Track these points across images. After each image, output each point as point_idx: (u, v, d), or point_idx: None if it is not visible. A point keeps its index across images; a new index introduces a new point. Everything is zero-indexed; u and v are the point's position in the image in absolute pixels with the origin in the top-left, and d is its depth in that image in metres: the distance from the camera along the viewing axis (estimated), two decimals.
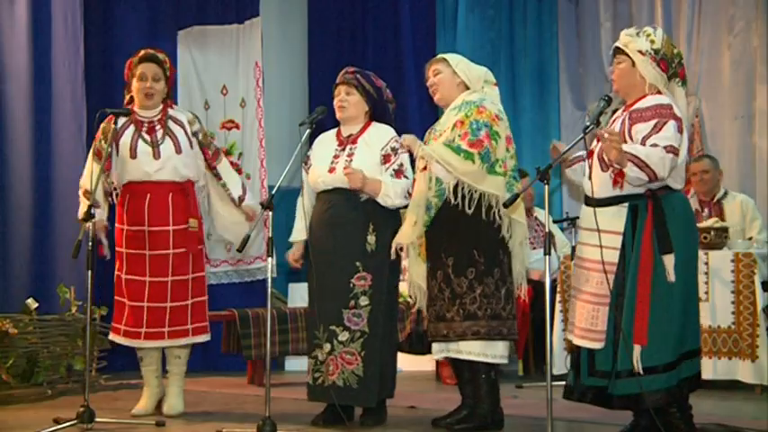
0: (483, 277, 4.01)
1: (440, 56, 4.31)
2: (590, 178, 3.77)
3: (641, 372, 3.60)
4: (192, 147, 4.55)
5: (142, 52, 4.58)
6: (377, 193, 4.15)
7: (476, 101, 4.08)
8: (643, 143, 3.57)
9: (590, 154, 3.85)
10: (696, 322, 3.80)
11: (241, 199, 4.63)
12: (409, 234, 4.05)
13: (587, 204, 3.83)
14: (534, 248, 6.15)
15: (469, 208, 3.98)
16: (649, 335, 3.60)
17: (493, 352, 4.05)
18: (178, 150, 4.48)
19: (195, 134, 4.57)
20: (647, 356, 3.61)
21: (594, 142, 3.80)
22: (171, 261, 4.45)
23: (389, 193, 4.15)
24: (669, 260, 3.62)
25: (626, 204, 3.68)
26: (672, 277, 3.62)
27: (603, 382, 3.71)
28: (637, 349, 3.61)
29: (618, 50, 3.79)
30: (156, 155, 4.46)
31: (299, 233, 4.38)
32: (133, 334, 4.48)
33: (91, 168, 4.49)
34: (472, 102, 4.08)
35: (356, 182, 4.11)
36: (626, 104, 3.83)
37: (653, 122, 3.60)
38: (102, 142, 4.51)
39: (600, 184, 3.72)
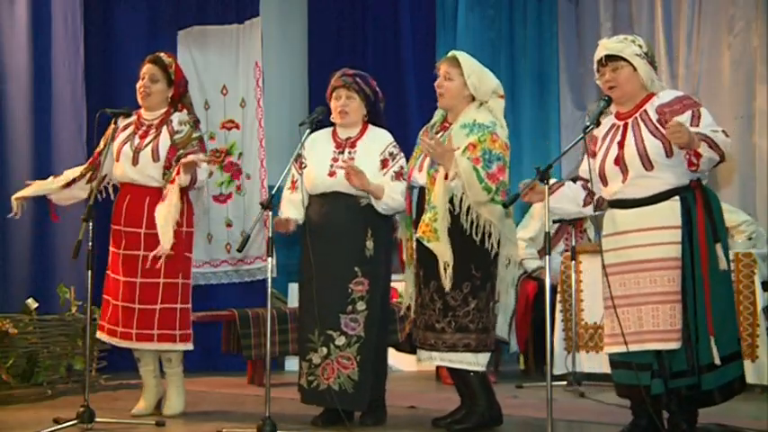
0: (477, 291, 4.04)
1: (454, 55, 4.20)
2: (623, 182, 3.71)
3: (719, 363, 3.61)
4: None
5: (151, 55, 4.59)
6: (380, 195, 4.13)
7: (489, 125, 4.05)
8: None
9: (617, 160, 3.75)
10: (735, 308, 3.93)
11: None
12: (449, 250, 3.99)
13: (624, 207, 3.76)
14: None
15: (476, 234, 4.00)
16: (716, 325, 3.60)
17: (478, 361, 4.07)
18: (155, 158, 4.44)
19: (177, 133, 4.48)
20: (720, 347, 3.61)
21: (616, 149, 3.74)
22: (140, 263, 4.43)
23: (393, 195, 4.14)
24: (719, 248, 3.65)
25: (677, 198, 3.67)
26: (725, 264, 3.65)
27: (687, 382, 3.64)
28: (712, 340, 3.60)
29: (611, 58, 3.76)
30: (135, 161, 4.46)
31: (294, 214, 4.26)
32: (112, 331, 4.51)
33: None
34: (485, 126, 4.04)
35: (358, 180, 4.06)
36: (621, 111, 3.80)
37: (689, 113, 3.63)
38: (102, 143, 4.54)
39: (644, 184, 3.68)
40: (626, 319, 3.70)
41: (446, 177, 3.98)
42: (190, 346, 4.56)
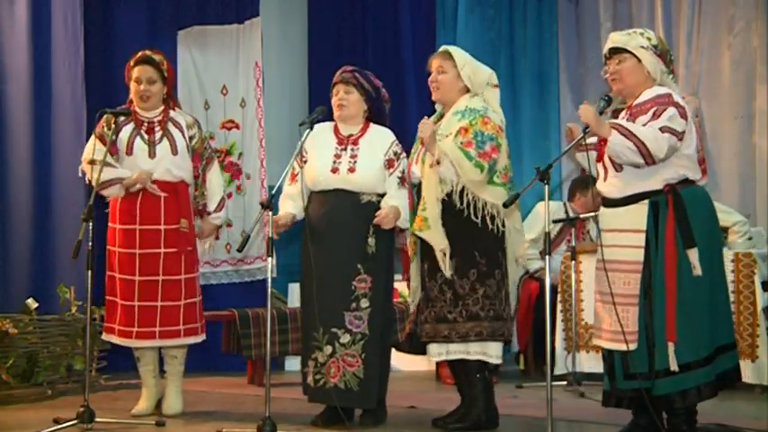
0: (485, 279, 4.03)
1: (446, 49, 4.23)
2: (604, 180, 3.77)
3: (677, 369, 3.60)
4: (188, 150, 4.57)
5: (139, 54, 4.59)
6: (398, 218, 4.16)
7: (480, 110, 4.06)
8: None
9: (599, 157, 3.82)
10: (728, 315, 3.84)
11: (209, 213, 4.65)
12: (444, 239, 4.01)
13: (605, 206, 3.82)
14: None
15: (475, 216, 4.01)
16: (679, 331, 3.59)
17: (493, 352, 4.07)
18: (174, 152, 4.49)
19: (191, 138, 4.57)
20: (681, 353, 3.60)
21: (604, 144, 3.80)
22: (162, 260, 4.45)
23: (404, 215, 4.18)
24: (693, 254, 3.63)
25: (646, 201, 3.67)
26: (698, 271, 3.63)
27: (642, 384, 3.65)
28: (671, 347, 3.60)
29: (616, 51, 3.78)
30: (152, 154, 4.47)
31: (291, 208, 4.31)
32: (126, 333, 4.50)
33: (93, 145, 4.48)
34: (477, 110, 4.06)
35: (392, 223, 4.13)
36: (627, 105, 3.83)
37: (651, 111, 3.63)
38: (106, 128, 4.52)
39: (617, 185, 3.71)
40: (597, 314, 3.82)
41: (433, 165, 3.99)
42: (204, 336, 4.63)
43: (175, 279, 4.46)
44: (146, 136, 4.50)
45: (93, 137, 4.56)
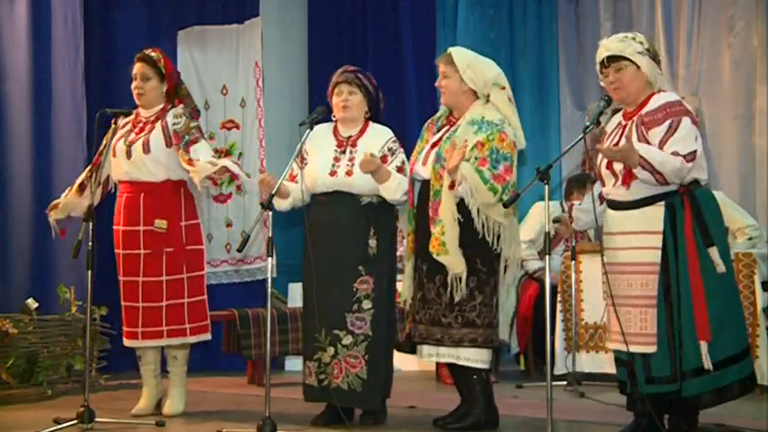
0: (482, 286, 4.04)
1: (449, 53, 4.18)
2: (614, 185, 3.74)
3: (711, 368, 3.60)
4: (168, 140, 4.45)
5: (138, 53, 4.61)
6: (384, 181, 4.11)
7: (497, 123, 4.03)
8: (661, 147, 3.57)
9: (608, 164, 3.76)
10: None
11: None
12: (461, 262, 3.98)
13: (615, 208, 3.79)
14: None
15: (489, 235, 4.00)
16: (713, 329, 3.60)
17: (483, 357, 4.07)
18: (146, 150, 4.43)
19: (174, 125, 4.47)
20: (715, 351, 3.61)
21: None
22: (142, 261, 4.44)
23: (397, 182, 4.12)
24: (714, 252, 3.64)
25: (662, 203, 3.66)
26: (722, 268, 3.65)
27: (665, 389, 3.64)
28: (704, 346, 3.60)
29: (612, 58, 3.75)
30: (129, 155, 4.46)
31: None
32: (130, 334, 4.53)
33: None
34: (494, 124, 4.02)
35: (371, 165, 4.05)
36: (628, 110, 3.80)
37: (667, 123, 3.61)
38: (104, 144, 4.56)
39: (631, 188, 3.68)
40: (612, 317, 3.77)
41: (451, 187, 3.97)
42: (207, 336, 4.57)
43: (156, 281, 4.43)
44: (132, 136, 4.49)
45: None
